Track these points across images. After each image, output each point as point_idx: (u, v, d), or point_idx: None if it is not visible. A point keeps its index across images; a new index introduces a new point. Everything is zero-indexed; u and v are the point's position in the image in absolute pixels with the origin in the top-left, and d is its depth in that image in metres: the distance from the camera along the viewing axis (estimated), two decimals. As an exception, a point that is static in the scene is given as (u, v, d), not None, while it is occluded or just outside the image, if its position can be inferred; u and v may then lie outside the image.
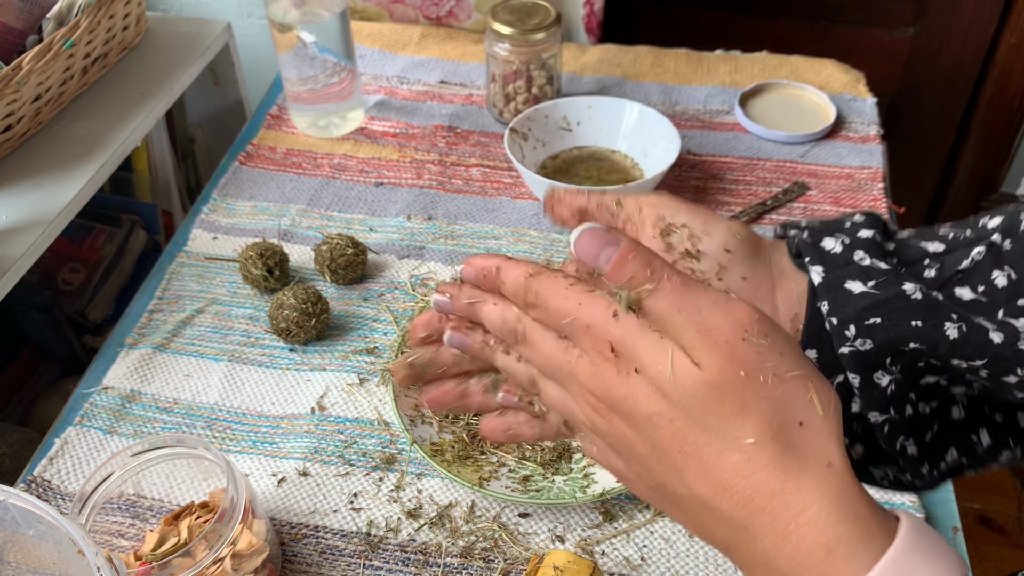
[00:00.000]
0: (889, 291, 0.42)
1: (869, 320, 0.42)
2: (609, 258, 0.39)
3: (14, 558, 0.54)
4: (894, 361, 0.42)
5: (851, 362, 0.42)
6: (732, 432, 0.36)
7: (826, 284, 0.43)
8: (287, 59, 1.07)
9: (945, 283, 0.43)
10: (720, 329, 0.36)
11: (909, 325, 0.41)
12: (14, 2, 1.03)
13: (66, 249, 1.32)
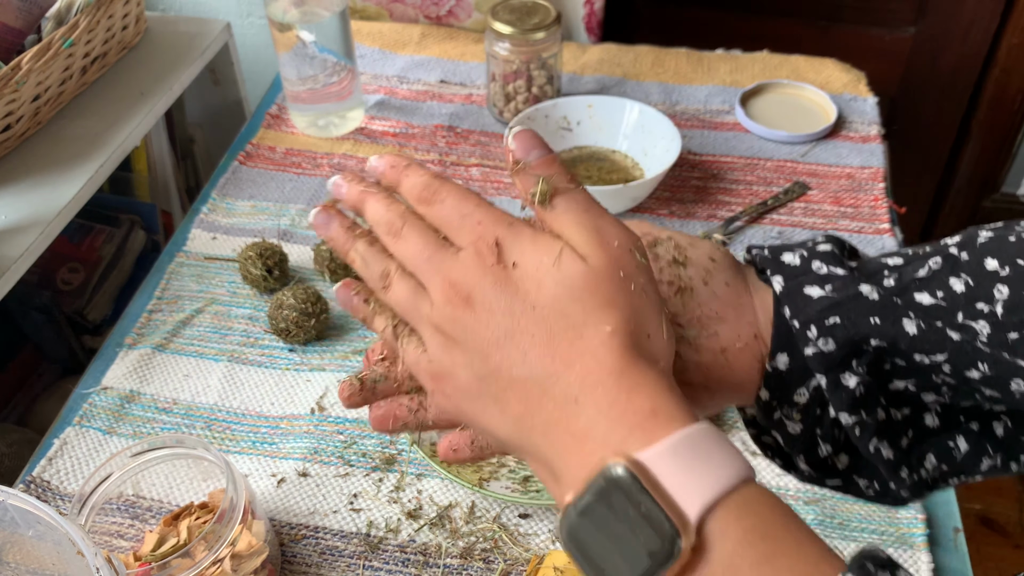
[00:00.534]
0: (846, 292, 0.44)
1: (829, 320, 0.43)
2: (540, 155, 0.43)
3: (13, 558, 0.54)
4: (859, 362, 0.44)
5: (816, 363, 0.44)
6: (593, 319, 0.39)
7: (786, 291, 0.45)
8: (287, 59, 1.07)
9: (904, 289, 0.44)
10: (614, 237, 0.41)
11: (868, 322, 0.43)
12: (13, 1, 1.03)
13: (65, 249, 1.32)
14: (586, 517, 0.36)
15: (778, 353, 0.45)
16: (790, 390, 0.46)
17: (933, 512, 0.74)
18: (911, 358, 0.44)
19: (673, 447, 0.36)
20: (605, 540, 0.36)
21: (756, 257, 0.48)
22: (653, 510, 0.34)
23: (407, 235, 0.45)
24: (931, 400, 0.46)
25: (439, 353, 0.43)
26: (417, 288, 0.45)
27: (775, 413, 0.47)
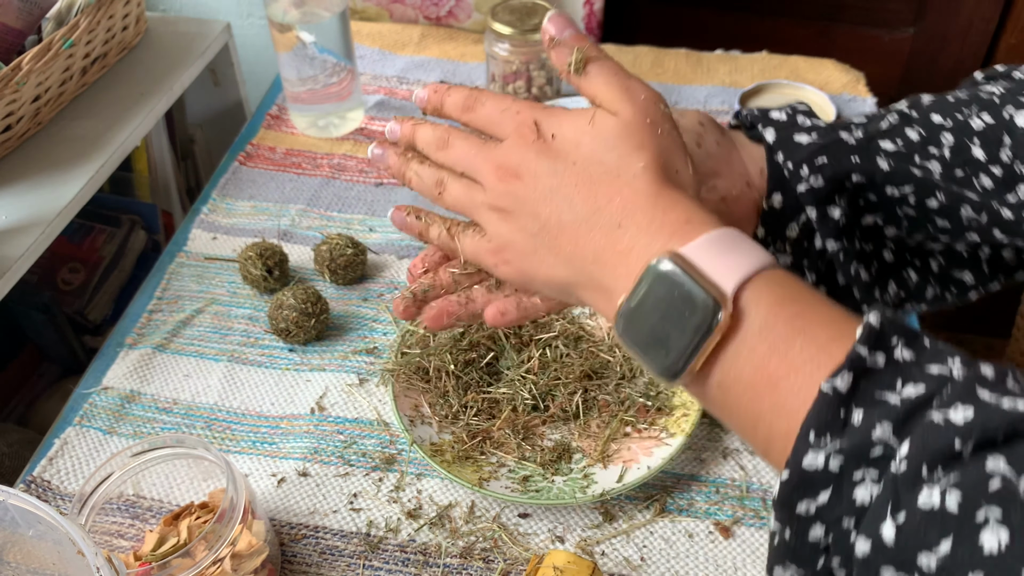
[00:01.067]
0: (830, 138, 0.53)
1: (817, 160, 0.52)
2: (573, 33, 0.50)
3: (14, 558, 0.54)
4: (841, 197, 0.52)
5: (808, 198, 0.52)
6: (627, 160, 0.46)
7: (779, 140, 0.54)
8: (287, 59, 1.07)
9: (871, 139, 0.53)
10: (640, 91, 0.48)
11: (850, 160, 0.52)
12: (13, 2, 1.03)
13: (66, 249, 1.32)
14: (638, 309, 0.42)
15: (773, 193, 0.53)
16: (783, 225, 0.54)
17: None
18: (883, 192, 0.52)
19: (708, 242, 0.42)
20: (655, 325, 0.42)
21: (746, 117, 0.56)
22: (695, 289, 0.40)
23: (454, 143, 0.53)
24: (891, 234, 0.54)
25: (497, 228, 0.51)
26: (469, 183, 0.52)
27: (769, 249, 0.55)
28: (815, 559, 0.37)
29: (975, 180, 0.52)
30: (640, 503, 0.75)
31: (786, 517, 0.37)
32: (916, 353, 0.37)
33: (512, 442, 0.78)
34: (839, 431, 0.36)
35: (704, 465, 0.78)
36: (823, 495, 0.36)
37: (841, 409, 0.36)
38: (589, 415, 0.80)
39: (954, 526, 0.32)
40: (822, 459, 0.36)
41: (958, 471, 0.33)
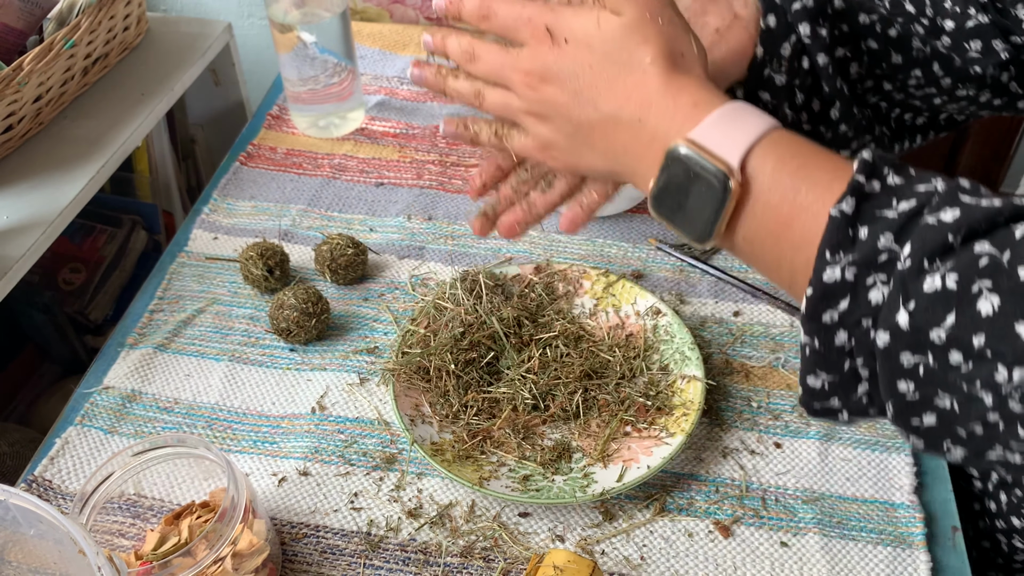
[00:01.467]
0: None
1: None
2: None
3: (15, 558, 0.54)
4: (825, 19, 0.60)
5: (801, 15, 0.60)
6: (635, 57, 0.51)
7: None
8: (287, 59, 1.07)
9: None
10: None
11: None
12: (15, 3, 1.03)
13: (67, 249, 1.32)
14: (664, 190, 0.49)
15: (768, 14, 0.60)
16: (778, 44, 0.60)
17: (932, 511, 0.74)
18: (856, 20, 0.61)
19: (713, 121, 0.48)
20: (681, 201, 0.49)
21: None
22: (707, 166, 0.47)
23: (480, 55, 0.58)
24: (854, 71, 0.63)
25: (537, 129, 0.57)
26: (504, 91, 0.58)
27: (765, 70, 0.62)
28: (841, 363, 0.44)
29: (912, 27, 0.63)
30: (640, 502, 0.75)
31: (814, 329, 0.43)
32: (905, 178, 0.44)
33: (512, 441, 0.78)
34: (850, 246, 0.42)
35: (704, 464, 0.78)
36: (843, 303, 0.42)
37: (849, 229, 0.42)
38: (589, 415, 0.80)
39: (955, 301, 0.39)
40: (839, 272, 0.42)
41: (952, 258, 0.39)
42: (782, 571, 0.70)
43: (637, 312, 0.87)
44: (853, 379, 0.44)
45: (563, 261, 0.94)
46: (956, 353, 0.39)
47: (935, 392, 0.40)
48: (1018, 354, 0.37)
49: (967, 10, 0.64)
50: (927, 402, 0.41)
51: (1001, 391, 0.38)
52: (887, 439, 0.79)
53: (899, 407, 0.42)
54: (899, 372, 0.41)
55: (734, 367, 0.85)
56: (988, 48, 0.64)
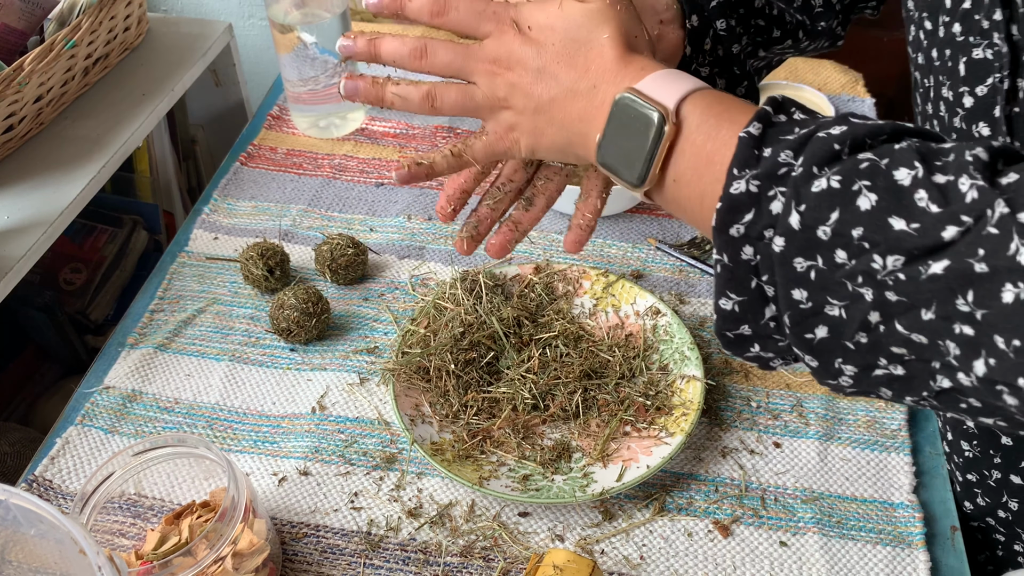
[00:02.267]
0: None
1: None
2: None
3: (15, 557, 0.54)
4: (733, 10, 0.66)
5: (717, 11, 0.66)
6: (595, 34, 0.55)
7: None
8: (288, 60, 1.07)
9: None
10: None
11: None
12: (16, 3, 1.03)
13: (68, 249, 1.32)
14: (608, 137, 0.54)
15: (691, 15, 0.66)
16: (701, 40, 0.66)
17: (931, 511, 0.74)
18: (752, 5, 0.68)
19: (655, 77, 0.53)
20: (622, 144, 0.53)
21: None
22: (646, 108, 0.51)
23: (435, 50, 0.60)
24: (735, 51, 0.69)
25: (499, 116, 0.59)
26: (464, 86, 0.59)
27: (693, 65, 0.68)
28: (748, 280, 0.47)
29: None
30: (639, 502, 0.75)
31: (723, 242, 0.47)
32: (809, 114, 0.49)
33: (512, 441, 0.78)
34: (755, 163, 0.46)
35: (703, 464, 0.78)
36: (748, 215, 0.46)
37: (755, 149, 0.47)
38: (589, 414, 0.80)
39: (839, 199, 0.43)
40: (744, 185, 0.46)
41: (839, 164, 0.44)
42: (781, 571, 0.71)
43: (637, 312, 0.87)
44: (760, 300, 0.48)
45: (563, 261, 0.94)
46: (840, 251, 0.43)
47: (825, 299, 0.44)
48: (890, 242, 0.42)
49: None
50: (819, 311, 0.45)
51: (877, 277, 0.42)
52: (887, 439, 0.79)
53: (795, 318, 0.46)
54: (793, 278, 0.45)
55: (733, 367, 0.85)
56: (828, 4, 0.73)
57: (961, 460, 0.75)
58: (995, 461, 0.71)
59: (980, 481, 0.74)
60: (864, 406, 0.82)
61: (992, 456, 0.71)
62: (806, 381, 0.84)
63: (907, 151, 0.43)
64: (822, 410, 0.81)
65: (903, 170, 0.43)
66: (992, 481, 0.73)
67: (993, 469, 0.72)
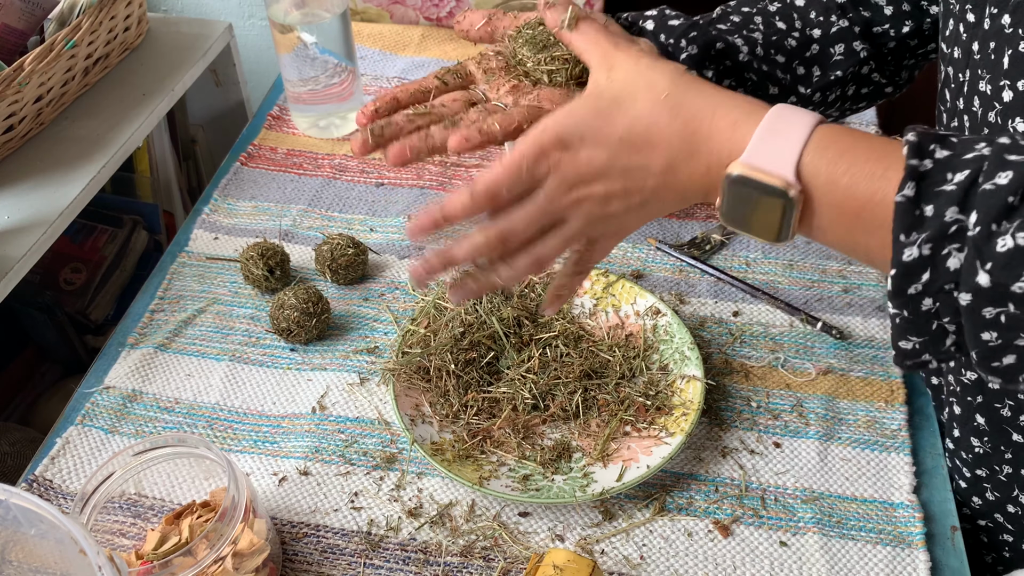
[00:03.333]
0: (690, 21, 0.69)
1: (689, 35, 0.67)
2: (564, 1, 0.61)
3: (16, 557, 0.55)
4: (710, 63, 0.68)
5: (689, 63, 0.67)
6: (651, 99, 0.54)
7: (657, 26, 0.68)
8: (288, 60, 1.07)
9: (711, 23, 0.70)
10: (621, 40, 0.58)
11: (709, 32, 0.68)
12: (16, 3, 1.03)
13: (68, 249, 1.32)
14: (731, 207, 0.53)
15: None
16: None
17: (931, 511, 0.74)
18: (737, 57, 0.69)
19: (757, 140, 0.51)
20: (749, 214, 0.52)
21: (626, 19, 0.70)
22: (766, 186, 0.50)
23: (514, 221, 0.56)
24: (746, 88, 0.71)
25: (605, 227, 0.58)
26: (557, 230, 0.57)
27: None
28: (929, 325, 0.49)
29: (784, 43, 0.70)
30: (639, 502, 0.75)
31: (901, 302, 0.48)
32: (951, 149, 0.47)
33: (512, 441, 0.78)
34: (920, 225, 0.46)
35: (703, 464, 0.78)
36: (925, 275, 0.47)
37: (915, 210, 0.46)
38: (589, 414, 0.80)
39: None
40: (916, 250, 0.46)
41: (1017, 217, 0.44)
42: (781, 571, 0.71)
43: (637, 312, 0.87)
44: (941, 335, 0.49)
45: (563, 261, 0.94)
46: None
47: (1017, 335, 0.46)
48: None
49: (830, 18, 0.71)
50: (1009, 345, 0.46)
51: None
52: (887, 439, 0.79)
53: (983, 354, 0.47)
54: (982, 324, 0.46)
55: (733, 367, 0.85)
56: (850, 50, 0.71)
57: (970, 456, 0.75)
58: (1006, 456, 0.71)
59: (990, 476, 0.74)
60: (864, 406, 0.82)
61: (1003, 452, 0.72)
62: (806, 381, 0.84)
63: None
64: (822, 410, 0.81)
65: None
66: (1003, 476, 0.73)
67: (1004, 464, 0.72)
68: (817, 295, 0.92)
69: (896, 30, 0.73)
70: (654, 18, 0.68)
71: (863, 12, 0.73)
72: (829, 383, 0.84)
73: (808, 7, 0.73)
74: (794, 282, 0.93)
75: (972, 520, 0.78)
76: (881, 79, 0.77)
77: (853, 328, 0.88)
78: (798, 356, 0.86)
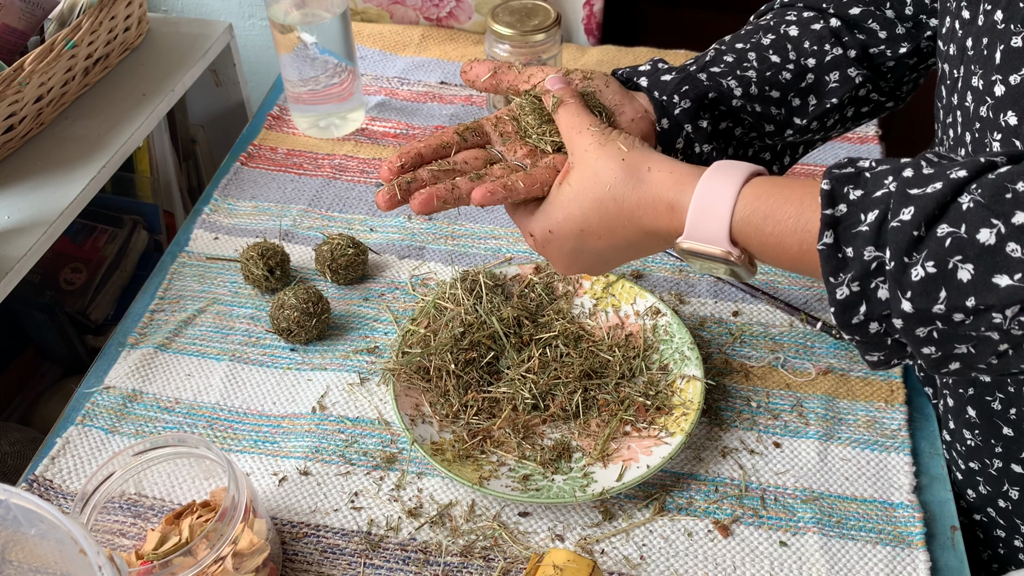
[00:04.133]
0: (683, 74, 0.71)
1: (681, 89, 0.69)
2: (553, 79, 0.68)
3: (16, 557, 0.55)
4: (704, 111, 0.70)
5: (683, 117, 0.69)
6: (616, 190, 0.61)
7: (651, 82, 0.71)
8: (288, 60, 1.07)
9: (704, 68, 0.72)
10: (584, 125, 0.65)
11: (702, 82, 0.70)
12: (16, 3, 1.03)
13: (68, 249, 1.32)
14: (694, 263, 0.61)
15: (661, 118, 0.69)
16: (672, 141, 0.70)
17: (931, 511, 0.74)
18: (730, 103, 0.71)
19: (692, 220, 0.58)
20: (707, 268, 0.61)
21: (621, 75, 0.73)
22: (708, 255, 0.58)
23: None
24: (739, 134, 0.73)
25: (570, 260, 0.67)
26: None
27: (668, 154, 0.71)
28: (883, 342, 0.53)
29: (779, 77, 0.72)
30: (639, 502, 0.75)
31: (851, 330, 0.53)
32: (862, 188, 0.52)
33: (512, 441, 0.78)
34: (845, 267, 0.51)
35: (703, 464, 0.78)
36: (861, 308, 0.51)
37: (838, 253, 0.51)
38: (589, 414, 0.80)
39: (940, 280, 0.47)
40: (846, 289, 0.51)
41: (924, 247, 0.48)
42: (781, 570, 0.71)
43: (637, 312, 0.87)
44: (898, 347, 0.53)
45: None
46: (958, 314, 0.47)
47: (952, 347, 0.50)
48: (1002, 298, 0.46)
49: (823, 46, 0.73)
50: (949, 355, 0.50)
51: (1003, 327, 0.47)
52: (887, 439, 0.79)
53: (930, 364, 0.52)
54: (919, 342, 0.50)
55: (733, 367, 0.85)
56: (844, 76, 0.73)
57: (963, 448, 0.75)
58: (996, 450, 0.72)
59: (981, 470, 0.74)
60: (864, 406, 0.82)
61: (993, 445, 0.72)
62: (806, 381, 0.84)
63: (976, 211, 0.47)
64: (822, 410, 0.81)
65: (984, 231, 0.46)
66: (993, 470, 0.73)
67: (994, 458, 0.72)
68: (817, 295, 0.92)
69: (893, 51, 0.75)
70: (647, 74, 0.72)
71: (858, 35, 0.74)
72: (829, 383, 0.84)
73: (801, 37, 0.74)
74: (794, 282, 0.93)
75: (968, 514, 0.78)
76: (880, 97, 0.78)
77: (853, 328, 0.88)
78: (798, 356, 0.86)
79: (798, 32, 0.75)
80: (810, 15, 0.76)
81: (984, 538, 0.78)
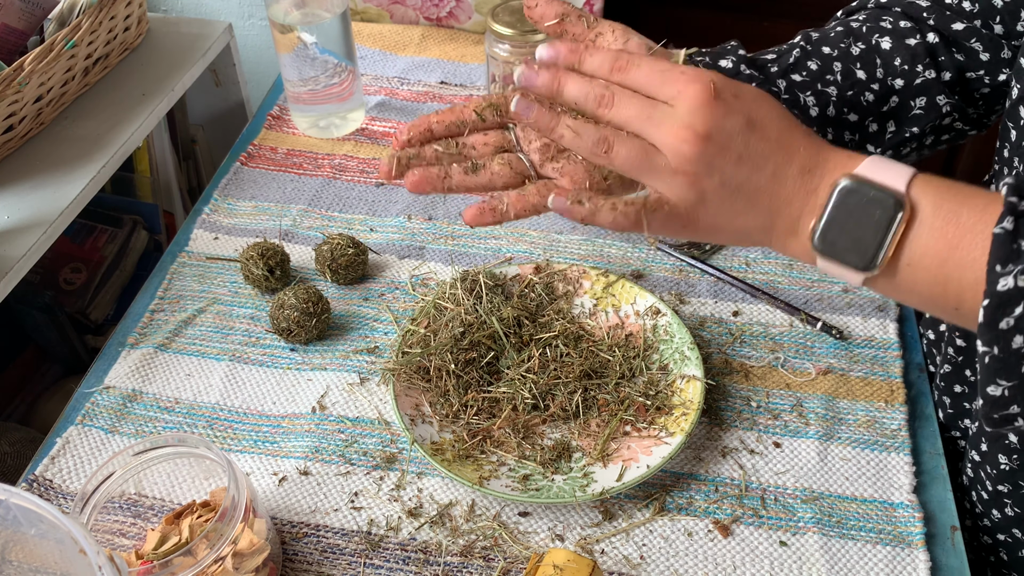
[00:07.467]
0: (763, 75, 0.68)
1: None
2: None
3: (16, 557, 0.55)
4: None
5: None
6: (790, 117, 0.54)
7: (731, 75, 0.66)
8: (288, 60, 1.07)
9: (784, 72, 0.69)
10: None
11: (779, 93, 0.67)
12: (16, 3, 1.03)
13: (68, 249, 1.33)
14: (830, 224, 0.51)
15: None
16: None
17: (931, 511, 0.74)
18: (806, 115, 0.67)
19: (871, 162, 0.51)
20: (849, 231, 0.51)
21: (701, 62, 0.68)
22: (877, 194, 0.50)
23: (620, 102, 0.54)
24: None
25: (684, 192, 0.54)
26: (645, 145, 0.54)
27: None
28: (1019, 366, 0.48)
29: (861, 97, 0.68)
30: (639, 502, 0.75)
31: (992, 336, 0.48)
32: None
33: (512, 441, 0.78)
34: (1016, 258, 0.47)
35: (703, 464, 0.78)
36: (1018, 308, 0.47)
37: (1012, 243, 0.47)
38: (589, 414, 0.80)
39: None
40: (1011, 281, 0.47)
41: None
42: (781, 570, 0.71)
43: (637, 312, 0.87)
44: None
45: (563, 261, 0.94)
46: None
47: None
48: None
49: (915, 67, 0.68)
50: None
51: None
52: (887, 439, 0.79)
53: None
54: None
55: (733, 367, 0.85)
56: (931, 104, 0.68)
57: (994, 471, 0.75)
58: None
59: (1012, 491, 0.74)
60: (864, 406, 0.82)
61: None
62: (806, 381, 0.84)
63: None
64: (822, 410, 0.81)
65: None
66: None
67: None
68: (817, 295, 0.92)
69: (992, 77, 0.70)
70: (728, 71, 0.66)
71: (956, 55, 0.69)
72: (829, 383, 0.84)
73: (894, 52, 0.68)
74: (794, 282, 0.93)
75: (992, 534, 0.78)
76: (964, 126, 0.73)
77: (853, 328, 0.88)
78: (798, 356, 0.86)
79: (891, 46, 0.69)
80: (907, 26, 0.69)
81: (1008, 560, 0.78)
